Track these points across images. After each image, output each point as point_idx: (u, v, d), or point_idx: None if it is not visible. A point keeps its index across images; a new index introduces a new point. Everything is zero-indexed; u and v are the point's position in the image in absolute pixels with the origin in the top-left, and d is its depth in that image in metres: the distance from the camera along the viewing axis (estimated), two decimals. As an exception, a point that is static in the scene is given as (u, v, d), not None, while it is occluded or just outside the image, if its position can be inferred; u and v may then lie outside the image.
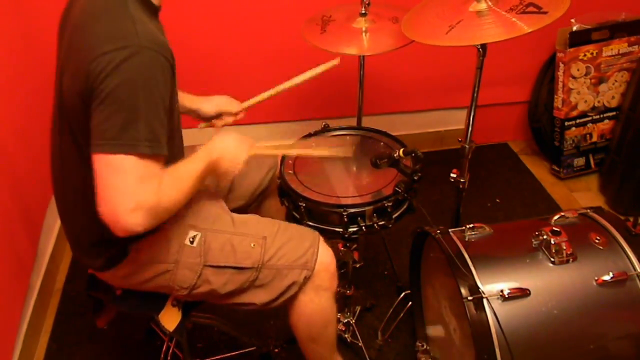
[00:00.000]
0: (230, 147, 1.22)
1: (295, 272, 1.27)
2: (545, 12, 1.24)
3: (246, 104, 1.55)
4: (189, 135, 1.41)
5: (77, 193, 1.16)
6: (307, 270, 1.27)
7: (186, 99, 1.48)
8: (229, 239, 1.26)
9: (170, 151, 1.17)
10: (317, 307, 1.33)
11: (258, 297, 1.28)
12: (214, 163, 1.18)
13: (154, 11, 1.12)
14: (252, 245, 1.26)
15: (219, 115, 1.53)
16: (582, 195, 2.42)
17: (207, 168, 1.16)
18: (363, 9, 1.65)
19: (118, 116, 0.96)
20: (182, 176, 1.11)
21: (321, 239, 1.33)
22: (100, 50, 0.95)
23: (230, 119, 1.54)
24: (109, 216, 0.98)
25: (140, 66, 0.97)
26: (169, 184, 1.05)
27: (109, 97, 0.96)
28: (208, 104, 1.51)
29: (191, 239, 1.24)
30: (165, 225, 1.23)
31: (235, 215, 1.33)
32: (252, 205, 1.58)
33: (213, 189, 1.43)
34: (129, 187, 0.98)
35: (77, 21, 1.04)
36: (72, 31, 1.05)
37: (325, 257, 1.31)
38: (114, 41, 0.96)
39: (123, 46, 0.96)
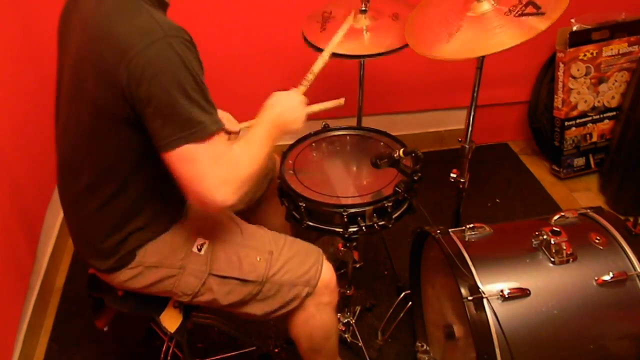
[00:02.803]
0: (287, 106, 1.23)
1: (297, 289, 1.27)
2: (542, 13, 1.24)
3: (244, 125, 1.50)
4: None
5: (86, 196, 1.16)
6: (310, 287, 1.28)
7: None
8: (236, 250, 1.26)
9: None
10: (318, 322, 1.34)
11: (259, 308, 1.29)
12: (277, 121, 1.19)
13: (163, 6, 1.12)
14: (258, 259, 1.26)
15: None
16: (582, 195, 2.42)
17: (272, 128, 1.18)
18: (363, 5, 1.63)
19: (173, 111, 0.98)
20: (252, 142, 1.14)
21: (324, 256, 1.34)
22: (131, 52, 0.96)
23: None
24: (200, 204, 1.05)
25: (174, 55, 0.98)
26: (241, 152, 1.10)
27: (154, 97, 0.98)
28: None
29: (199, 247, 1.24)
30: (174, 231, 1.24)
31: (243, 225, 1.33)
32: (252, 207, 1.57)
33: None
34: (207, 171, 1.02)
35: (94, 22, 1.04)
36: (88, 33, 1.04)
37: (327, 274, 1.31)
38: (140, 38, 0.97)
39: (150, 41, 0.97)
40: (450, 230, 1.35)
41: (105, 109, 1.05)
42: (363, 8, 1.64)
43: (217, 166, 1.03)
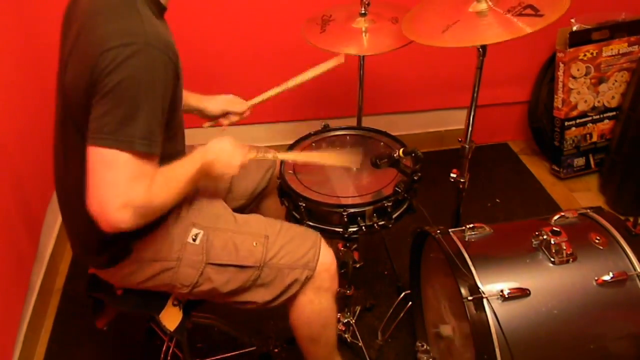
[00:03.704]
0: (224, 150, 1.21)
1: (296, 272, 1.27)
2: (541, 15, 1.24)
3: (251, 102, 1.54)
4: (192, 135, 1.41)
5: (79, 191, 1.16)
6: (309, 270, 1.28)
7: (192, 98, 1.48)
8: (231, 237, 1.26)
9: (172, 149, 1.17)
10: (317, 307, 1.33)
11: (259, 296, 1.28)
12: (207, 166, 1.17)
13: (161, 11, 1.12)
14: (254, 244, 1.26)
15: (224, 114, 1.52)
16: (582, 195, 2.42)
17: (201, 170, 1.16)
18: (363, 9, 1.65)
19: (117, 111, 0.97)
20: (175, 177, 1.11)
21: (322, 239, 1.33)
22: (106, 46, 0.96)
23: (235, 118, 1.53)
24: (97, 210, 0.99)
25: (145, 64, 0.97)
26: (161, 184, 1.05)
27: (111, 92, 0.96)
28: (213, 103, 1.50)
29: (194, 237, 1.24)
30: (168, 223, 1.24)
31: (237, 214, 1.33)
32: (252, 205, 1.58)
33: (213, 188, 1.43)
34: (120, 184, 0.98)
35: (84, 19, 1.04)
36: (78, 28, 1.05)
37: (326, 257, 1.31)
38: (120, 37, 0.97)
39: (129, 43, 0.96)
40: (450, 230, 1.35)
41: (73, 100, 1.04)
42: (363, 11, 1.65)
43: (132, 185, 0.99)
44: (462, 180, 1.55)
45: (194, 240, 1.24)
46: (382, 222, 1.38)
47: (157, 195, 1.04)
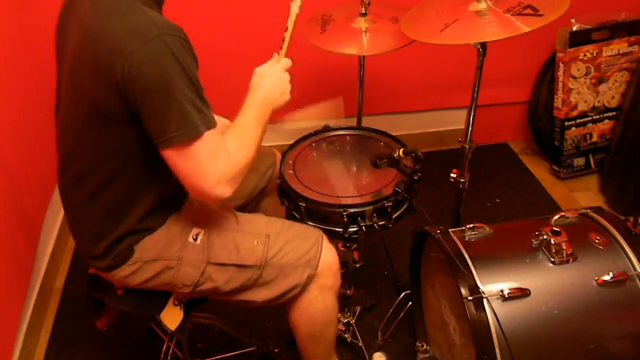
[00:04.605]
0: (266, 77, 1.23)
1: (298, 271, 1.27)
2: (541, 15, 1.24)
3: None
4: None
5: (86, 194, 1.16)
6: (311, 269, 1.27)
7: None
8: (232, 236, 1.26)
9: None
10: (320, 305, 1.33)
11: (261, 295, 1.28)
12: (263, 100, 1.20)
13: (158, 4, 1.13)
14: (255, 243, 1.26)
15: None
16: (582, 195, 2.42)
17: (260, 108, 1.19)
18: (363, 8, 1.65)
19: (166, 110, 1.00)
20: (243, 129, 1.16)
21: (325, 237, 1.33)
22: (126, 51, 0.97)
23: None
24: (200, 197, 1.13)
25: (169, 53, 0.99)
26: (236, 146, 1.11)
27: (150, 95, 0.99)
28: None
29: (194, 237, 1.24)
30: (170, 223, 1.24)
31: (239, 213, 1.33)
32: (252, 204, 1.57)
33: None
34: (204, 168, 1.05)
35: (89, 22, 1.04)
36: (83, 28, 1.05)
37: (328, 255, 1.31)
38: (135, 37, 0.98)
39: (145, 40, 0.98)
40: (450, 230, 1.35)
41: (102, 106, 1.05)
42: (363, 11, 1.65)
43: (214, 161, 1.06)
44: (462, 180, 1.55)
45: (195, 239, 1.24)
46: (382, 222, 1.38)
47: (238, 156, 1.11)
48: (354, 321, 1.72)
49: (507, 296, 1.16)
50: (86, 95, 1.07)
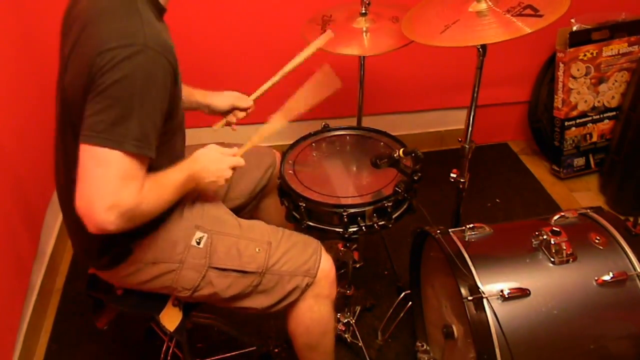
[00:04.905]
0: (212, 159, 1.21)
1: (297, 279, 1.28)
2: (541, 15, 1.24)
3: (254, 95, 1.53)
4: (194, 135, 1.41)
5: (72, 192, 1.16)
6: (309, 277, 1.28)
7: (198, 95, 1.48)
8: (235, 242, 1.26)
9: (172, 151, 1.17)
10: (316, 315, 1.34)
11: (259, 302, 1.29)
12: (196, 174, 1.17)
13: (160, 12, 1.12)
14: (257, 250, 1.26)
15: (231, 110, 1.52)
16: (582, 195, 2.42)
17: (189, 179, 1.16)
18: (363, 8, 1.65)
19: (111, 111, 0.97)
20: (163, 184, 1.10)
21: (322, 246, 1.34)
22: (105, 46, 0.96)
23: (242, 114, 1.53)
24: (84, 209, 0.98)
25: (142, 65, 0.97)
26: (150, 189, 1.05)
27: (106, 91, 0.96)
28: (221, 99, 1.51)
29: (198, 240, 1.24)
30: (169, 224, 1.24)
31: (242, 220, 1.33)
32: (251, 203, 1.57)
33: (212, 191, 1.43)
34: (110, 183, 0.98)
35: (85, 20, 1.04)
36: (79, 29, 1.05)
37: (326, 265, 1.32)
38: (120, 38, 0.97)
39: (129, 44, 0.96)
40: (450, 230, 1.35)
41: (72, 100, 1.04)
42: (363, 11, 1.65)
43: (121, 185, 0.99)
44: (462, 180, 1.55)
45: (198, 243, 1.24)
46: (382, 222, 1.38)
47: (145, 200, 1.03)
48: (354, 321, 1.72)
49: (507, 296, 1.16)
50: (63, 88, 1.06)
